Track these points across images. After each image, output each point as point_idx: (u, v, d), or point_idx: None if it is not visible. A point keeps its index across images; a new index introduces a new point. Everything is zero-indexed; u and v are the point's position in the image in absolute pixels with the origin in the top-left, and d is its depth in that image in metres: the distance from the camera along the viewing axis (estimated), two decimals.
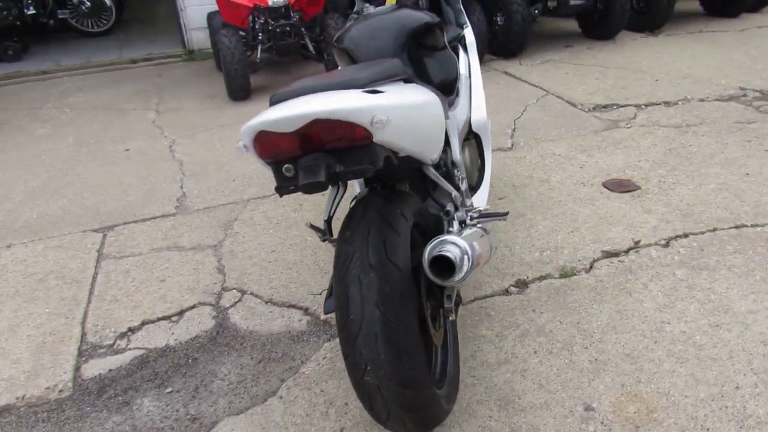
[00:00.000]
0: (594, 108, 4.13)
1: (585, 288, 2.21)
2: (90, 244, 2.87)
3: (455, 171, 1.91)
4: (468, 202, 1.84)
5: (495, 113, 4.17)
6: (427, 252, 1.30)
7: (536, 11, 5.53)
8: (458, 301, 1.64)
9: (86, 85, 6.13)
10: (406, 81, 1.46)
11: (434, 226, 1.71)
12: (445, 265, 1.27)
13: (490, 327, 2.06)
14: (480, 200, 2.12)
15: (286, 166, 1.17)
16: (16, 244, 2.94)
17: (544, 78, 4.95)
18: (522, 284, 2.28)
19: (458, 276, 1.25)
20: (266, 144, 1.11)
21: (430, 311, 1.57)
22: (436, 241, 1.28)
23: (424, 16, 1.98)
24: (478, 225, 1.80)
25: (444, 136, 1.52)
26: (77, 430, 1.80)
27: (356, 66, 1.39)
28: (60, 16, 7.97)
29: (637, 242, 2.47)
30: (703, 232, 2.51)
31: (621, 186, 2.98)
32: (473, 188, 2.18)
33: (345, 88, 1.20)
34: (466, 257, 1.25)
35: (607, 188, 2.96)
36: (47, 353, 2.13)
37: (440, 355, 1.73)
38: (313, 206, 3.05)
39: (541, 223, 2.68)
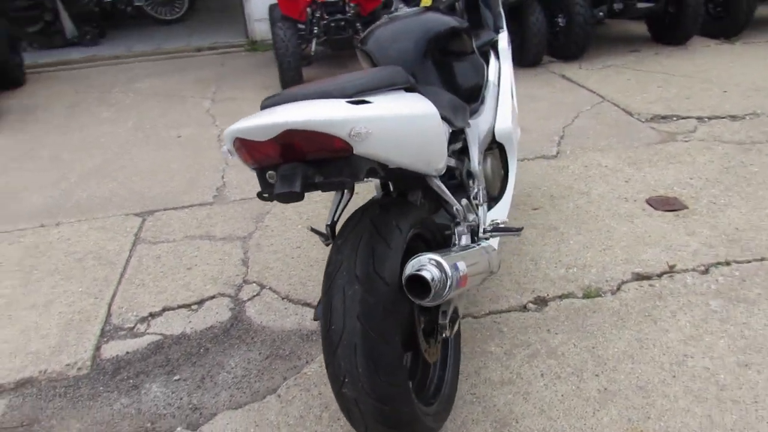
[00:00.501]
0: (651, 118, 3.93)
1: (607, 311, 2.11)
2: (129, 228, 2.99)
3: (470, 182, 1.86)
4: (477, 215, 1.79)
5: (545, 119, 4.05)
6: (407, 269, 1.27)
7: (600, 13, 5.29)
8: (455, 318, 1.60)
9: (153, 72, 6.39)
10: (408, 90, 1.42)
11: (442, 238, 1.67)
12: (421, 285, 1.23)
13: (500, 344, 2.00)
14: (500, 213, 2.06)
15: (269, 173, 1.16)
16: (64, 223, 3.10)
17: (602, 83, 4.75)
18: (541, 301, 2.19)
19: (434, 297, 1.21)
20: (248, 150, 1.11)
21: (423, 326, 1.54)
22: (416, 258, 1.24)
23: (450, 21, 1.93)
24: (485, 240, 1.75)
25: (445, 148, 1.48)
26: (88, 408, 1.88)
27: (355, 73, 1.37)
28: (136, 3, 8.34)
29: (672, 266, 2.33)
30: (748, 261, 2.34)
31: (666, 204, 2.82)
32: (494, 199, 2.11)
33: (333, 97, 1.18)
34: (445, 277, 1.21)
35: (651, 205, 2.81)
36: (73, 331, 2.24)
37: (437, 371, 1.70)
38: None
39: (573, 237, 2.57)
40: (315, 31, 5.04)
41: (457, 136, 1.91)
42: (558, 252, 2.48)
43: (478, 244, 1.57)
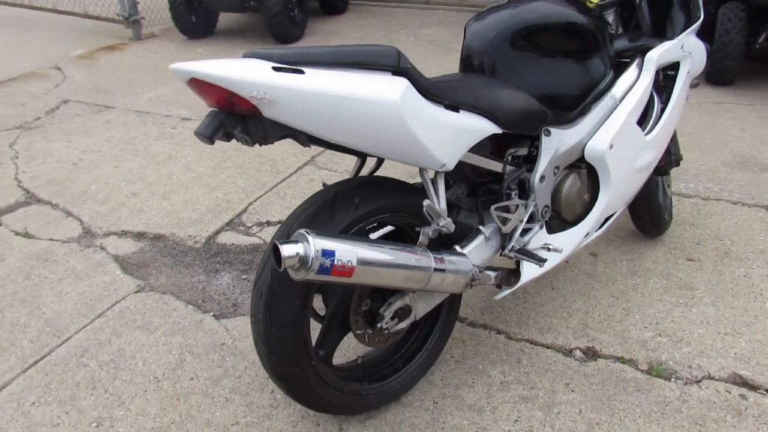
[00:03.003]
0: None
1: (654, 398, 1.72)
2: (312, 150, 3.42)
3: (517, 192, 1.68)
4: (502, 228, 1.64)
5: (750, 148, 3.13)
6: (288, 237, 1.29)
7: None
8: (403, 315, 1.54)
9: (446, 21, 6.73)
10: (397, 73, 1.36)
11: (413, 233, 1.59)
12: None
13: (505, 372, 1.82)
14: (563, 240, 1.80)
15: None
16: None
17: None
18: (592, 354, 1.89)
19: (296, 272, 1.21)
20: (197, 89, 1.26)
21: (366, 308, 1.54)
22: (301, 229, 1.25)
23: (562, 15, 1.70)
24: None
25: (434, 143, 1.37)
26: (178, 273, 2.37)
27: (346, 47, 1.36)
28: None
29: None
30: None
31: None
32: (568, 223, 1.85)
33: (301, 63, 1.22)
34: (305, 257, 1.20)
35: None
36: (213, 213, 2.76)
37: (392, 362, 1.69)
38: None
39: (702, 306, 2.08)
40: None
41: (518, 140, 1.73)
42: (666, 313, 2.05)
43: (438, 253, 1.46)
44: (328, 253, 1.23)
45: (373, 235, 1.67)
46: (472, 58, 1.72)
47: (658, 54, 1.87)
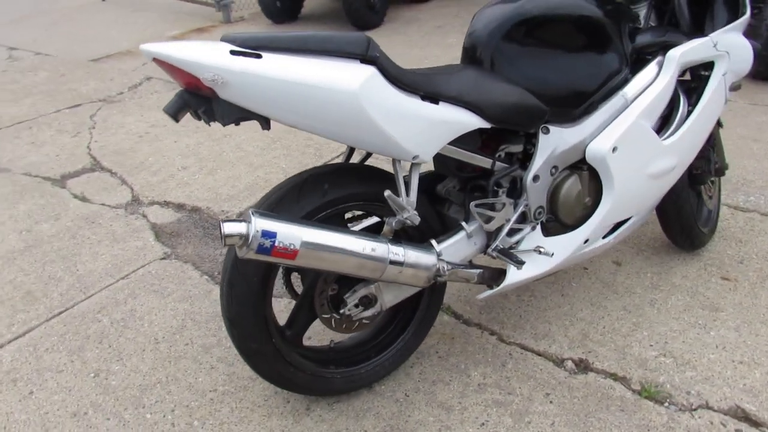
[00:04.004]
0: None
1: (637, 420, 1.61)
2: None
3: (498, 189, 1.62)
4: (483, 227, 1.61)
5: None
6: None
7: None
8: (366, 303, 1.55)
9: None
10: (365, 61, 1.34)
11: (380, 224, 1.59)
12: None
13: (486, 374, 1.78)
14: (560, 245, 1.72)
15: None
16: None
17: None
18: (584, 367, 1.80)
19: (241, 249, 1.25)
20: (167, 70, 1.32)
21: (334, 293, 1.56)
22: (251, 208, 1.28)
23: (568, 5, 1.61)
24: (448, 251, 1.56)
25: (386, 133, 1.35)
26: (204, 245, 2.50)
27: (318, 33, 1.36)
28: None
29: None
30: None
31: None
32: (567, 227, 1.76)
33: (270, 49, 1.25)
34: (246, 236, 1.23)
35: None
36: (249, 191, 2.88)
37: (360, 349, 1.72)
38: None
39: (722, 330, 1.91)
40: None
41: (513, 136, 1.66)
42: (679, 333, 1.90)
43: (399, 244, 1.44)
44: (269, 234, 1.27)
45: (360, 226, 1.68)
46: (471, 49, 1.67)
47: (682, 52, 1.72)
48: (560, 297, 2.09)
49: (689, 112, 1.83)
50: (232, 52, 1.25)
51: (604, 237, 1.84)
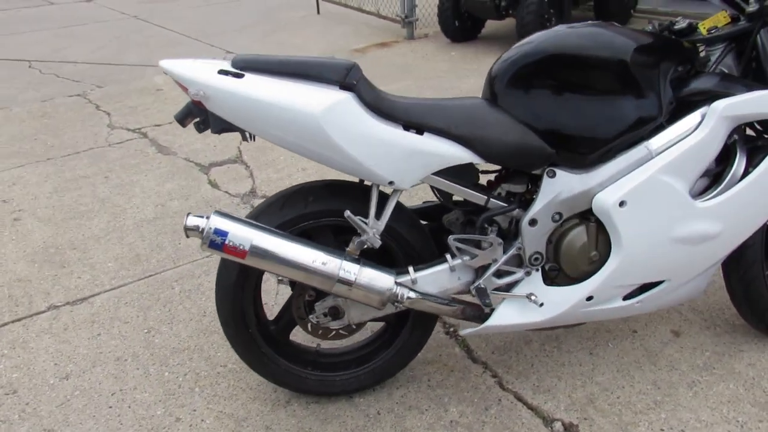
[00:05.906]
0: None
1: None
2: None
3: (488, 227, 1.57)
4: (470, 265, 1.60)
5: None
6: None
7: None
8: (333, 313, 1.62)
9: None
10: (344, 87, 1.41)
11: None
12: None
13: (461, 412, 1.73)
14: (558, 297, 1.60)
15: None
16: None
17: None
18: (572, 430, 1.65)
19: (203, 243, 1.43)
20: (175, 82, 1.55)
21: (310, 299, 1.67)
22: (216, 210, 1.44)
23: (595, 44, 1.50)
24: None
25: (353, 158, 1.41)
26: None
27: (298, 59, 1.46)
28: None
29: None
30: None
31: None
32: (572, 279, 1.63)
33: (259, 70, 1.41)
34: (201, 231, 1.39)
35: None
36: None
37: (343, 356, 1.81)
38: None
39: None
40: None
41: (516, 175, 1.60)
42: (704, 426, 1.64)
43: (357, 263, 1.49)
44: (221, 233, 1.44)
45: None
46: (486, 83, 1.66)
47: (728, 104, 1.48)
48: (587, 355, 1.92)
49: (746, 174, 1.56)
50: (220, 71, 1.44)
51: (626, 298, 1.67)
